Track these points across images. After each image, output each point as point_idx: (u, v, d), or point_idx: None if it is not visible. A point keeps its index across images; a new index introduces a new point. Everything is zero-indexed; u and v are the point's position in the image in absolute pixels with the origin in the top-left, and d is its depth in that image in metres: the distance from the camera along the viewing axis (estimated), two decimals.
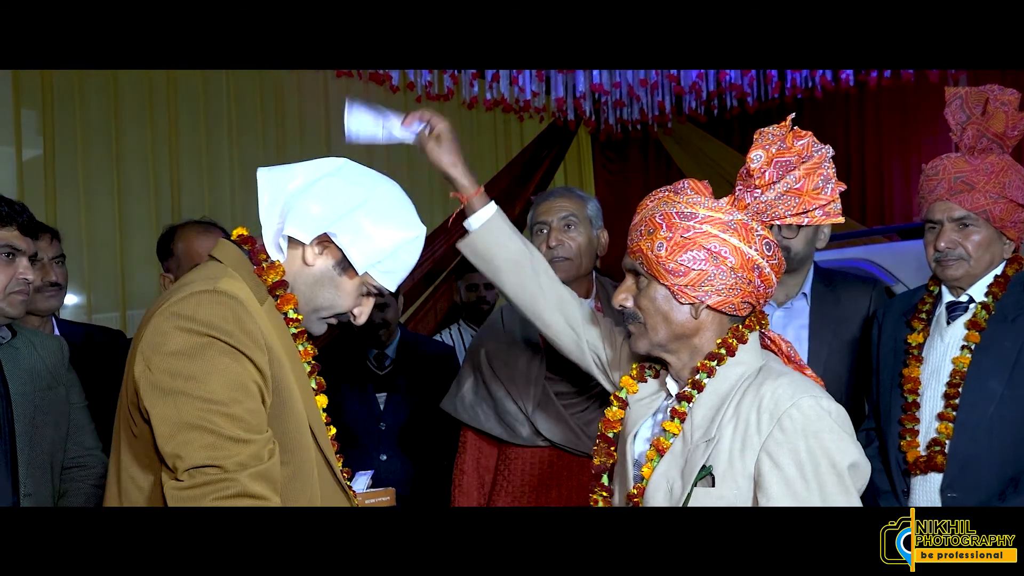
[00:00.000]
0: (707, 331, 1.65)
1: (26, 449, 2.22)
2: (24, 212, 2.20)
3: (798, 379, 1.59)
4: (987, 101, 2.31)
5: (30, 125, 4.67)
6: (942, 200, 2.30)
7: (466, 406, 2.59)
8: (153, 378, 1.44)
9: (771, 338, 1.72)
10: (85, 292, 4.77)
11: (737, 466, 1.55)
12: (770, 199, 1.59)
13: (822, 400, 1.54)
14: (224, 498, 1.39)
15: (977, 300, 2.32)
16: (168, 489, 1.42)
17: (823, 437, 1.51)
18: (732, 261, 1.58)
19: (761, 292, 1.63)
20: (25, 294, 2.20)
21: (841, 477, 1.50)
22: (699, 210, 1.60)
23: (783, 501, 1.50)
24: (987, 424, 2.20)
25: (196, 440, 1.40)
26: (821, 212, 1.59)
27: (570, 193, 2.58)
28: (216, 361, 1.44)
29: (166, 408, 1.42)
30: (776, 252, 1.62)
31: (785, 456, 1.51)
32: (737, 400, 1.59)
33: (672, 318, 1.64)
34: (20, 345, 2.31)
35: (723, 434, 1.58)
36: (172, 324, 1.45)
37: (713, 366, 1.63)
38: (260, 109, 5.45)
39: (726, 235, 1.58)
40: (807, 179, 1.59)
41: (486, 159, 6.73)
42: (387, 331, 3.43)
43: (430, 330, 5.75)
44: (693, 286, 1.60)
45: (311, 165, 1.66)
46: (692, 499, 1.57)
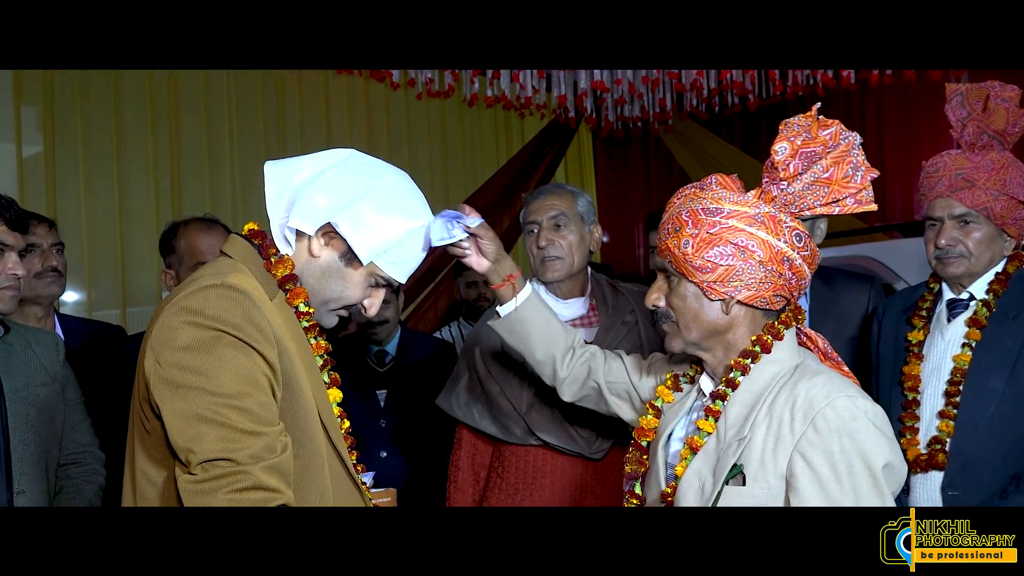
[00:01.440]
0: (740, 327, 1.64)
1: (20, 446, 2.22)
2: (12, 207, 2.19)
3: (834, 378, 1.57)
4: (988, 97, 2.30)
5: (30, 122, 4.67)
6: (943, 197, 2.30)
7: (461, 404, 2.59)
8: (163, 373, 1.44)
9: (808, 335, 1.70)
10: (86, 289, 4.77)
11: (769, 465, 1.53)
12: (798, 190, 1.57)
13: (857, 399, 1.52)
14: (237, 491, 1.39)
15: (978, 297, 2.32)
16: (181, 483, 1.42)
17: (858, 437, 1.49)
18: (760, 255, 1.56)
19: (794, 285, 1.61)
20: (15, 289, 2.20)
21: (876, 478, 1.48)
22: (725, 205, 1.58)
23: (815, 502, 1.48)
24: (988, 422, 2.20)
25: (208, 434, 1.40)
26: (853, 200, 1.57)
27: (560, 190, 2.55)
28: (226, 355, 1.44)
29: (177, 402, 1.42)
30: (808, 243, 1.60)
31: (819, 456, 1.49)
32: (771, 398, 1.57)
33: (703, 315, 1.63)
34: (14, 341, 2.31)
35: (756, 433, 1.56)
36: (181, 319, 1.45)
37: (747, 363, 1.62)
38: (261, 105, 5.45)
39: (753, 228, 1.56)
40: (836, 168, 1.56)
41: (487, 156, 6.73)
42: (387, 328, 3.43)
43: (430, 327, 5.75)
44: (722, 282, 1.58)
45: (318, 157, 1.65)
46: (723, 497, 1.56)
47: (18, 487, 2.20)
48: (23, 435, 2.23)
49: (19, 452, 2.21)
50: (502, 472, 2.54)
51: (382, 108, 6.10)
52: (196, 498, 1.40)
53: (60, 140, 4.69)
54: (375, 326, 3.38)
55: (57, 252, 2.90)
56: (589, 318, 2.55)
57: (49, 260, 2.84)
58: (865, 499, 1.48)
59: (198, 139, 5.14)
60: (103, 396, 2.61)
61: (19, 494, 2.20)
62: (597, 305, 2.57)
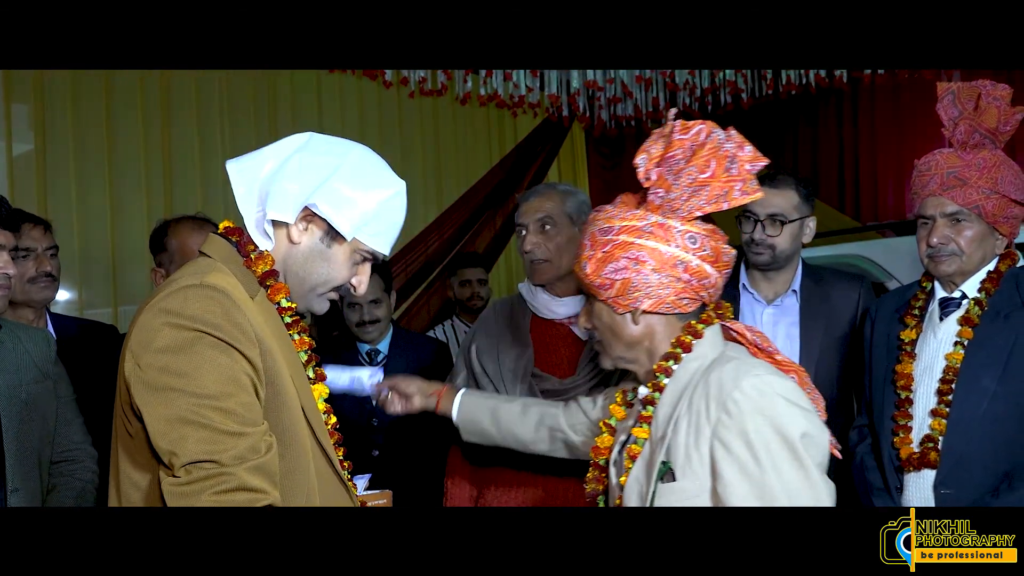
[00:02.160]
0: (657, 334, 1.68)
1: (13, 444, 2.21)
2: (3, 206, 2.18)
3: (746, 362, 1.59)
4: (979, 96, 2.30)
5: (21, 120, 4.65)
6: (934, 195, 2.30)
7: None
8: (144, 376, 1.42)
9: (736, 330, 1.72)
10: (77, 288, 4.76)
11: (694, 457, 1.55)
12: (679, 195, 1.60)
13: (764, 377, 1.54)
14: (222, 492, 1.38)
15: (970, 296, 2.32)
16: (165, 486, 1.40)
17: (769, 413, 1.50)
18: (652, 263, 1.60)
19: (697, 286, 1.63)
20: (5, 288, 2.19)
21: (794, 450, 1.49)
22: (615, 222, 1.64)
23: (738, 485, 1.50)
24: (980, 420, 2.20)
25: (191, 435, 1.39)
26: (739, 192, 1.59)
27: (550, 191, 2.54)
28: (206, 355, 1.42)
29: (159, 405, 1.41)
30: (705, 243, 1.62)
31: (734, 439, 1.51)
32: (691, 393, 1.60)
33: (619, 330, 1.69)
34: (5, 339, 2.30)
35: (679, 428, 1.59)
36: (160, 320, 1.44)
37: (669, 366, 1.65)
38: (253, 103, 5.44)
39: (642, 240, 1.61)
40: (713, 165, 1.59)
41: (479, 155, 6.73)
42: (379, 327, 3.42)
43: (423, 326, 5.75)
44: (623, 295, 1.64)
45: (278, 146, 1.63)
46: (657, 496, 1.58)
47: (12, 485, 2.19)
48: (16, 433, 2.22)
49: (12, 450, 2.21)
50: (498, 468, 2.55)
51: (375, 106, 6.09)
52: (180, 500, 1.39)
53: (51, 138, 4.67)
54: (367, 325, 3.37)
55: (51, 256, 2.89)
56: None
57: (43, 265, 2.84)
58: (786, 473, 1.48)
59: (190, 137, 5.12)
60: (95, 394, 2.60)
61: (13, 492, 2.19)
62: None
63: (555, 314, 2.53)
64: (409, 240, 6.10)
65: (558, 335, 2.54)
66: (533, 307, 2.57)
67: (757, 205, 2.66)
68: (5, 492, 2.18)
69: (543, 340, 2.55)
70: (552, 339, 2.55)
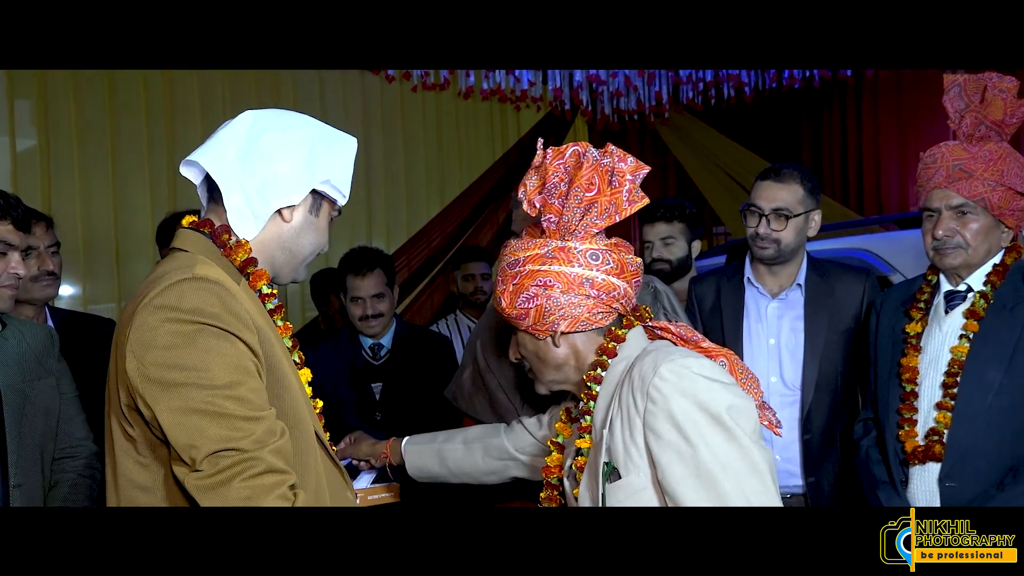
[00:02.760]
0: (580, 351, 1.72)
1: (15, 440, 2.21)
2: (19, 206, 2.19)
3: (663, 350, 1.62)
4: (985, 88, 2.30)
5: (24, 115, 4.66)
6: (940, 188, 2.30)
7: (465, 395, 2.60)
8: (150, 374, 1.41)
9: (661, 326, 1.75)
10: (81, 283, 4.76)
11: (632, 451, 1.57)
12: (571, 217, 1.64)
13: (680, 360, 1.56)
14: (252, 477, 1.38)
15: (976, 289, 2.32)
16: (190, 482, 1.39)
17: (690, 392, 1.52)
18: (559, 286, 1.65)
19: (608, 299, 1.67)
20: (14, 288, 2.19)
21: (721, 424, 1.50)
22: (520, 254, 1.70)
23: (674, 467, 1.51)
24: (985, 413, 2.20)
25: (209, 427, 1.39)
26: (627, 203, 1.65)
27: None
28: (211, 346, 1.42)
29: (171, 401, 1.40)
30: (608, 257, 1.67)
31: (662, 423, 1.52)
32: (619, 392, 1.63)
33: (544, 356, 1.74)
34: (9, 336, 2.30)
35: (614, 427, 1.61)
36: (159, 317, 1.43)
37: (598, 373, 1.69)
38: (255, 97, 5.43)
39: (546, 266, 1.66)
40: (596, 181, 1.63)
41: (482, 149, 6.73)
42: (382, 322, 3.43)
43: (427, 320, 5.75)
44: (539, 321, 1.68)
45: (226, 135, 1.62)
46: (608, 496, 1.60)
47: (14, 480, 2.20)
48: (18, 429, 2.23)
49: (15, 445, 2.21)
50: None
51: (377, 101, 6.09)
52: (210, 493, 1.38)
53: (54, 133, 4.68)
54: (370, 319, 3.37)
55: (52, 253, 2.89)
56: None
57: (45, 263, 2.84)
58: (717, 447, 1.49)
59: (193, 132, 5.12)
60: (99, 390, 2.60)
61: (15, 487, 2.20)
62: None
63: None
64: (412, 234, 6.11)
65: None
66: None
67: (762, 200, 2.66)
68: (7, 487, 2.18)
69: None
70: None
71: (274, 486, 1.40)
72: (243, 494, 1.38)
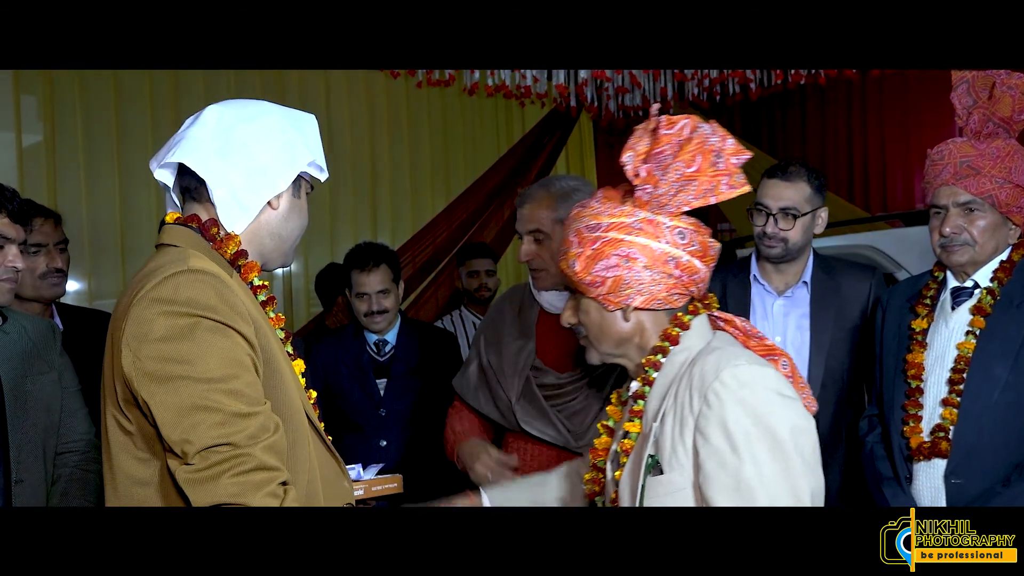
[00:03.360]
0: (647, 330, 1.67)
1: (17, 434, 2.21)
2: (15, 199, 2.17)
3: (730, 352, 1.58)
4: (994, 85, 2.29)
5: (30, 111, 4.66)
6: (947, 185, 2.29)
7: (471, 388, 2.62)
8: (145, 367, 1.41)
9: (724, 318, 1.71)
10: (87, 279, 4.77)
11: (679, 450, 1.54)
12: (667, 191, 1.59)
13: (745, 367, 1.52)
14: (241, 474, 1.38)
15: (982, 286, 2.32)
16: (181, 475, 1.40)
17: (749, 403, 1.48)
18: (643, 260, 1.60)
19: (687, 281, 1.63)
20: (13, 282, 2.18)
21: (776, 442, 1.46)
22: (603, 219, 1.63)
23: (717, 477, 1.48)
24: (991, 410, 2.20)
25: (203, 421, 1.39)
26: (726, 186, 1.58)
27: (543, 194, 2.47)
28: (206, 340, 1.42)
29: (166, 395, 1.40)
30: (693, 238, 1.62)
31: (713, 429, 1.49)
32: (678, 385, 1.59)
33: (608, 327, 1.68)
34: (11, 330, 2.30)
35: (666, 421, 1.58)
36: (155, 310, 1.43)
37: (657, 359, 1.65)
38: (261, 92, 5.43)
39: (632, 236, 1.60)
40: (699, 160, 1.58)
41: (487, 145, 6.72)
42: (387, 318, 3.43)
43: (432, 316, 5.75)
44: (614, 292, 1.62)
45: (196, 133, 1.61)
46: (647, 490, 1.57)
47: (16, 475, 2.20)
48: (20, 424, 2.22)
49: (16, 440, 2.21)
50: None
51: (382, 97, 6.08)
52: (199, 487, 1.38)
53: (60, 129, 4.68)
54: (375, 315, 3.38)
55: (60, 251, 2.89)
56: None
57: (54, 261, 2.84)
58: (763, 466, 1.45)
59: None
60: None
61: (17, 483, 2.20)
62: None
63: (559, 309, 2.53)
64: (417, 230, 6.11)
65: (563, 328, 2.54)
66: (540, 302, 2.57)
67: (769, 199, 2.66)
68: (9, 483, 2.18)
69: (548, 333, 2.54)
70: (557, 332, 2.54)
71: (263, 483, 1.40)
72: (231, 490, 1.38)
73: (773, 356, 1.65)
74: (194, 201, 1.63)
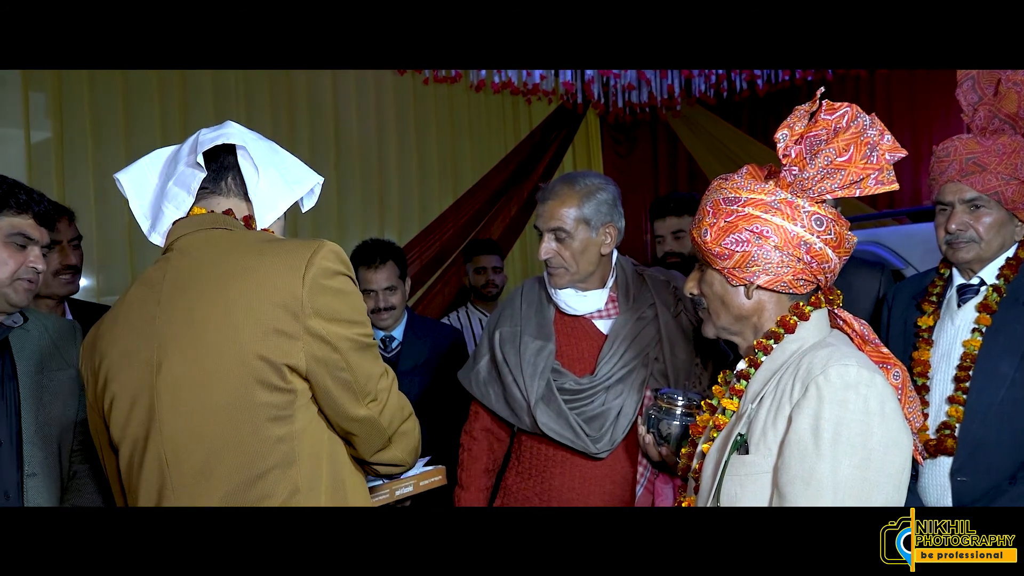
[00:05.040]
0: (766, 311, 1.66)
1: (32, 429, 2.22)
2: (42, 201, 2.19)
3: (843, 351, 1.55)
4: (999, 81, 2.29)
5: (39, 108, 4.68)
6: (953, 181, 2.29)
7: (479, 383, 2.60)
8: (345, 333, 1.52)
9: (844, 318, 1.70)
10: (95, 275, 4.79)
11: (769, 434, 1.54)
12: (812, 175, 1.58)
13: (854, 368, 1.49)
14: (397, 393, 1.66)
15: (988, 283, 2.31)
16: (371, 408, 1.59)
17: (849, 406, 1.46)
18: (775, 240, 1.59)
19: (816, 269, 1.62)
20: (33, 283, 2.19)
21: (866, 452, 1.44)
22: (742, 194, 1.62)
23: (792, 466, 1.46)
24: (998, 407, 2.20)
25: (374, 365, 1.61)
26: (874, 181, 1.58)
27: (568, 191, 2.45)
28: (359, 298, 1.60)
29: (361, 354, 1.56)
30: (831, 227, 1.61)
31: (805, 420, 1.48)
32: (782, 374, 1.59)
33: (729, 301, 1.68)
34: (31, 327, 2.31)
35: (763, 404, 1.58)
36: (331, 281, 1.52)
37: (769, 344, 1.65)
38: (269, 88, 5.45)
39: (768, 215, 1.60)
40: (853, 150, 1.57)
41: (494, 142, 6.72)
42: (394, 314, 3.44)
43: (438, 313, 5.76)
44: (741, 267, 1.62)
45: (229, 131, 1.68)
46: (729, 466, 1.57)
47: (29, 469, 2.20)
48: (35, 419, 2.23)
49: (31, 435, 2.22)
50: (519, 455, 2.57)
51: (390, 93, 6.09)
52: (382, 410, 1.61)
53: (68, 126, 4.70)
54: (382, 312, 3.38)
55: (74, 247, 2.91)
56: (608, 310, 2.53)
57: (67, 258, 2.86)
58: (843, 470, 1.43)
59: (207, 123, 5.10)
60: None
61: (30, 476, 2.20)
62: (618, 296, 2.54)
63: (577, 310, 2.53)
64: (424, 227, 6.12)
65: (580, 329, 2.54)
66: (556, 302, 2.56)
67: None
68: (22, 476, 2.19)
69: (565, 333, 2.54)
70: (574, 333, 2.54)
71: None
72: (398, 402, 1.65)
73: (887, 364, 1.64)
74: (216, 196, 1.66)
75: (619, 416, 2.40)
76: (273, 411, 1.47)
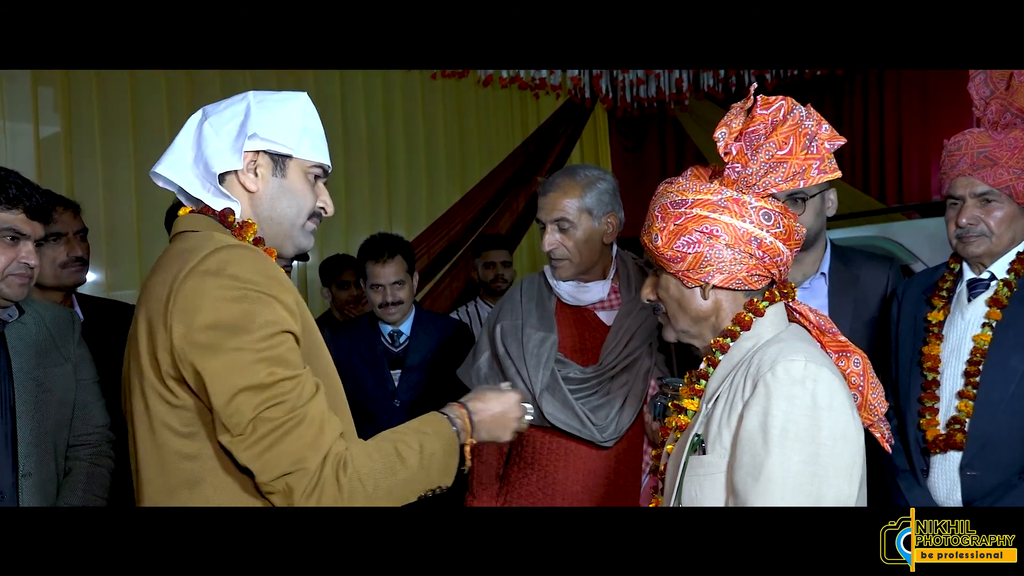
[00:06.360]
0: (723, 310, 1.66)
1: (27, 428, 2.20)
2: (34, 195, 2.16)
3: (792, 346, 1.56)
4: (1011, 75, 2.28)
5: (47, 103, 4.69)
6: (964, 175, 2.28)
7: (481, 378, 2.60)
8: (199, 339, 1.45)
9: (799, 311, 1.70)
10: (104, 270, 4.80)
11: (724, 433, 1.54)
12: (756, 171, 1.59)
13: (801, 363, 1.49)
14: (295, 434, 1.46)
15: (999, 277, 2.30)
16: (241, 454, 1.45)
17: (796, 401, 1.46)
18: (725, 238, 1.59)
19: (769, 263, 1.62)
20: (26, 278, 2.17)
21: (815, 446, 1.44)
22: (689, 195, 1.63)
23: (743, 461, 1.47)
24: (1008, 402, 2.19)
25: (249, 390, 1.46)
26: (816, 171, 1.57)
27: (568, 182, 2.48)
28: (254, 310, 1.48)
29: (218, 366, 1.45)
30: (779, 220, 1.61)
31: (754, 417, 1.48)
32: (735, 372, 1.60)
33: (686, 304, 1.67)
34: (28, 321, 2.29)
35: (718, 403, 1.59)
36: (209, 284, 1.47)
37: (726, 342, 1.65)
38: (277, 83, 5.44)
39: (716, 214, 1.60)
40: (792, 142, 1.57)
41: (502, 137, 6.72)
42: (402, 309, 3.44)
43: (446, 308, 5.76)
44: (694, 269, 1.62)
45: (183, 134, 1.70)
46: (688, 468, 1.58)
47: (24, 469, 2.18)
48: (30, 417, 2.21)
49: (26, 434, 2.20)
50: (520, 448, 2.56)
51: (398, 88, 6.09)
52: (258, 460, 1.45)
53: (77, 120, 4.71)
54: (390, 306, 3.39)
55: (80, 239, 2.91)
56: (610, 301, 2.54)
57: (74, 250, 2.86)
58: (791, 466, 1.43)
59: None
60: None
61: (25, 476, 2.18)
62: (620, 288, 2.55)
63: (580, 301, 2.53)
64: (432, 222, 6.12)
65: (583, 320, 2.54)
66: (558, 294, 2.57)
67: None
68: (17, 476, 2.17)
69: (568, 324, 2.54)
70: (577, 324, 2.54)
71: (318, 440, 1.48)
72: (295, 455, 1.45)
73: (846, 352, 1.64)
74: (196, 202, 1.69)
75: (624, 405, 2.41)
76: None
